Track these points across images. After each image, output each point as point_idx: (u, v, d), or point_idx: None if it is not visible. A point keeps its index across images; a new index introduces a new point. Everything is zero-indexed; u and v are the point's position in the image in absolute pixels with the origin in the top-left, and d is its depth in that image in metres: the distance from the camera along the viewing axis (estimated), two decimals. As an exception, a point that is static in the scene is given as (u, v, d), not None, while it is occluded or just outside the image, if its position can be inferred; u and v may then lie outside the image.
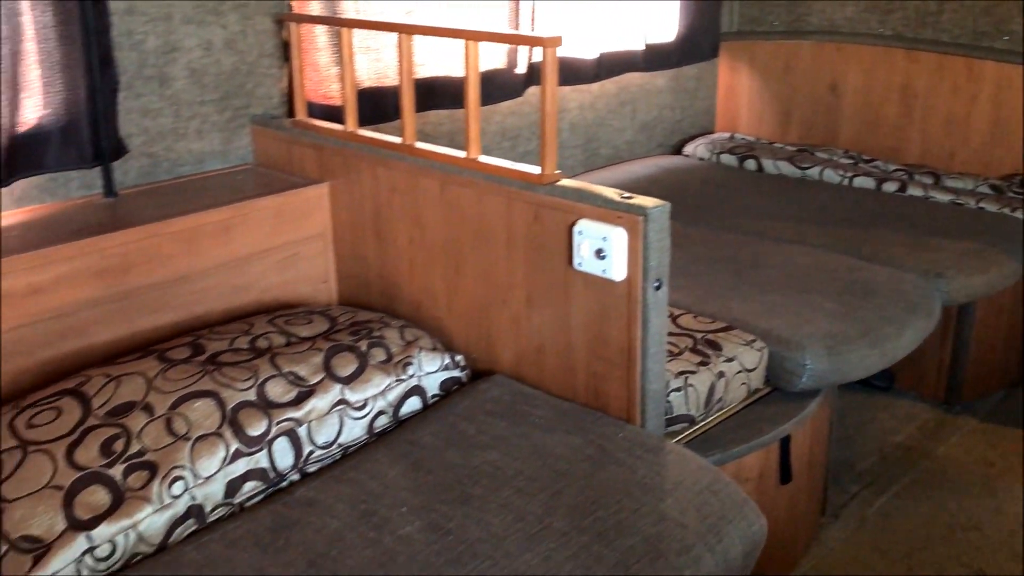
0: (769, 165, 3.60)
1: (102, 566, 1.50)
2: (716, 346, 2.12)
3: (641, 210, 1.72)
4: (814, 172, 3.50)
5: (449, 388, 2.03)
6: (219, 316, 2.24)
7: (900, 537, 2.40)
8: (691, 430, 2.04)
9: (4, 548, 1.48)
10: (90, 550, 1.49)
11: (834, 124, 3.83)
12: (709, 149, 3.78)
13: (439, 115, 3.01)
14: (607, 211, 1.77)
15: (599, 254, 1.78)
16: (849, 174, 3.43)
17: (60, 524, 1.50)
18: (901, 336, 2.31)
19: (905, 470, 2.69)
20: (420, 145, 2.12)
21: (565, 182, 1.87)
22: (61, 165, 2.21)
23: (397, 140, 2.17)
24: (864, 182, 3.39)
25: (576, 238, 1.82)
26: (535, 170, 1.89)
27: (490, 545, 1.52)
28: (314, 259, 2.42)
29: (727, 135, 3.96)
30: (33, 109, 2.15)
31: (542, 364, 2.01)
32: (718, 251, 2.73)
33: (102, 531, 1.51)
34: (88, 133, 2.21)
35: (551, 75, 1.79)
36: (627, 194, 1.77)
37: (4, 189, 2.14)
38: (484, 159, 1.99)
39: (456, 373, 2.05)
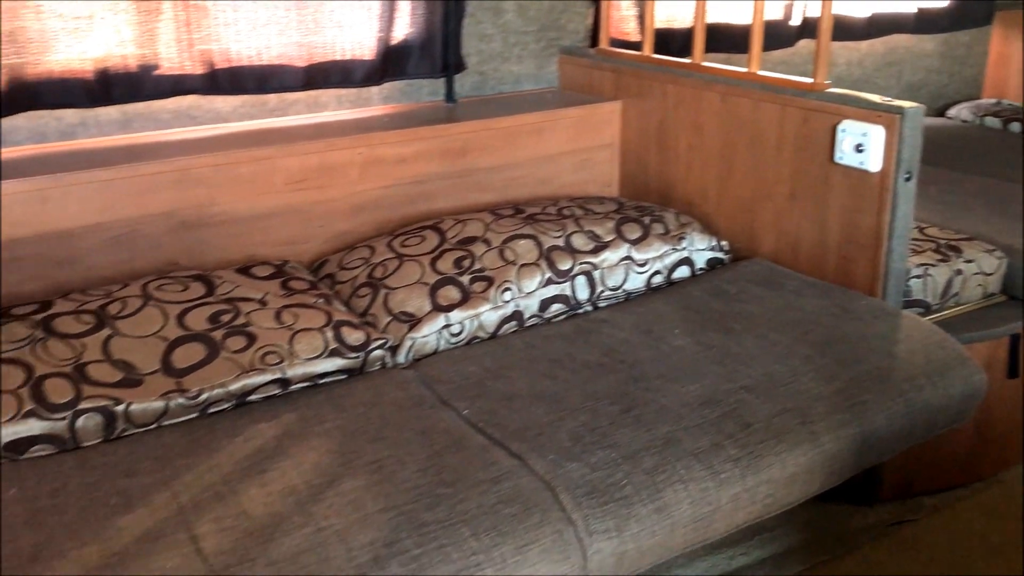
0: (1034, 128, 3.69)
1: (453, 339, 2.05)
2: (957, 250, 2.39)
3: (899, 110, 2.05)
4: (1082, 136, 3.56)
5: (713, 266, 2.43)
6: (526, 202, 2.76)
7: None
8: (927, 317, 2.32)
9: (388, 319, 2.06)
10: (446, 327, 2.04)
11: (1110, 94, 3.84)
12: (973, 112, 3.91)
13: (715, 58, 3.38)
14: (869, 111, 2.10)
15: (858, 148, 2.12)
16: (1120, 139, 3.48)
17: (427, 306, 2.06)
18: None
19: None
20: (706, 63, 2.53)
21: (833, 89, 2.22)
22: (418, 74, 2.81)
23: (687, 60, 2.60)
24: None
25: (839, 135, 2.16)
26: (807, 80, 2.25)
27: (746, 357, 1.91)
28: (603, 165, 2.89)
29: (993, 100, 4.06)
30: (402, 28, 2.75)
31: (797, 250, 2.36)
32: (969, 188, 2.95)
33: (455, 315, 2.05)
34: (440, 50, 2.80)
35: (829, -5, 2.15)
36: (887, 98, 2.10)
37: (375, 88, 2.77)
38: (763, 72, 2.37)
39: (720, 255, 2.44)
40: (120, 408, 1.69)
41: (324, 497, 1.48)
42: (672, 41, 3.16)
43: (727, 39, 3.29)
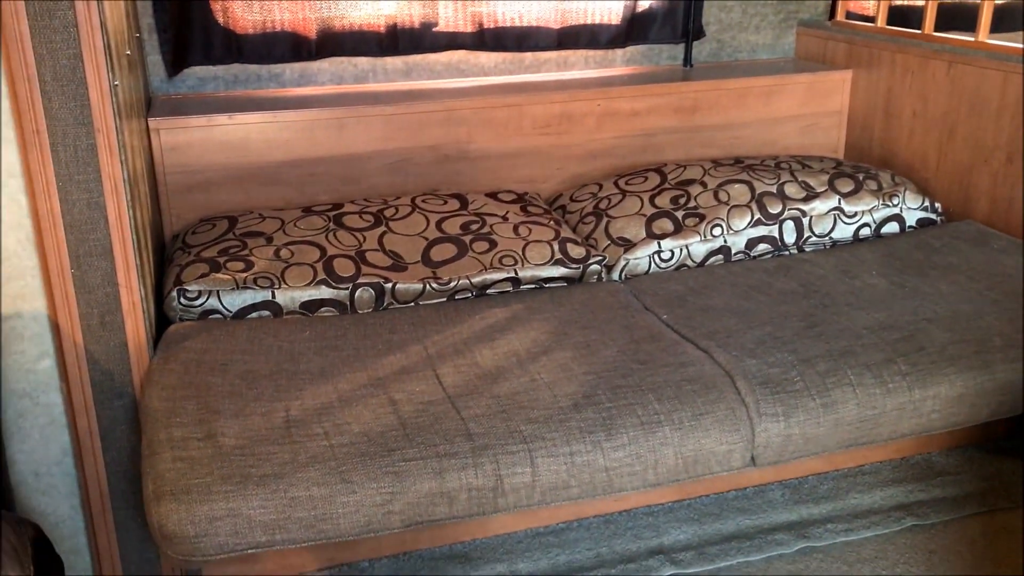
0: None
1: (664, 264, 2.32)
2: None
3: (1122, 74, 2.09)
4: None
5: (924, 225, 2.54)
6: (748, 156, 2.97)
7: None
8: None
9: (607, 243, 2.37)
10: (658, 252, 2.32)
11: None
12: None
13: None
14: (1091, 76, 2.15)
15: (1077, 112, 2.17)
16: None
17: (642, 234, 2.35)
18: None
19: None
20: (936, 33, 2.63)
21: (1058, 56, 2.28)
22: (659, 39, 3.09)
23: (917, 31, 2.71)
24: None
25: (1059, 100, 2.22)
26: (1033, 47, 2.32)
27: (936, 296, 2.05)
28: (829, 131, 3.04)
29: None
30: (648, -3, 3.04)
31: (1011, 214, 2.42)
32: None
33: (667, 243, 2.32)
34: (681, 18, 3.06)
35: (1060, -36, 2.21)
36: (1113, 63, 2.14)
37: (619, 51, 3.07)
38: (991, 40, 2.45)
39: (932, 216, 2.55)
40: (388, 286, 2.11)
41: (539, 360, 1.82)
42: (910, 18, 3.23)
43: (967, 18, 3.30)
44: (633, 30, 3.02)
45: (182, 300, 2.03)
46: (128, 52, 2.08)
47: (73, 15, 1.59)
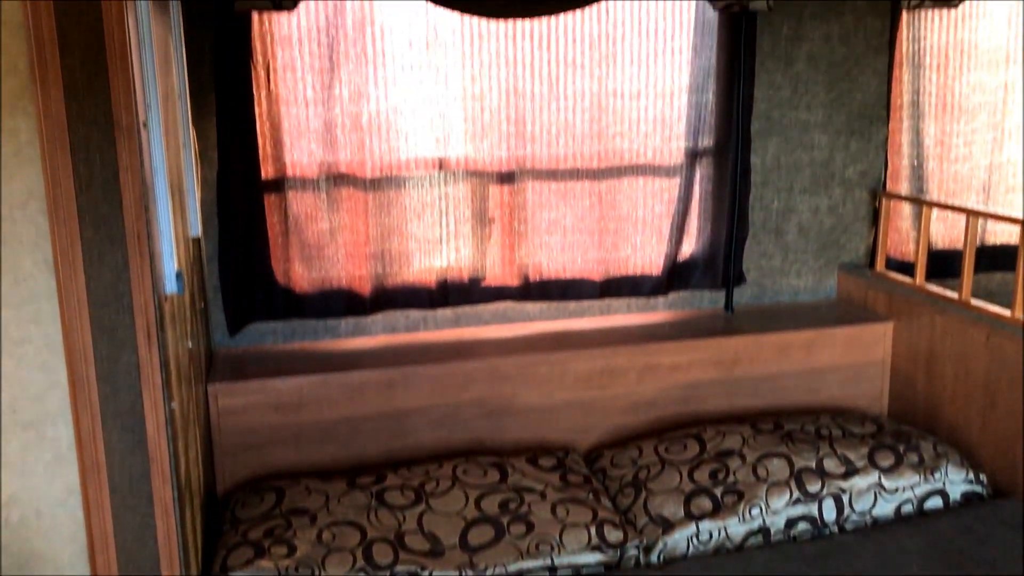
0: None
1: (702, 547, 2.32)
2: None
3: None
4: None
5: (970, 499, 2.50)
6: (792, 409, 2.99)
7: None
8: None
9: (645, 520, 2.38)
10: (696, 534, 2.32)
11: None
12: None
13: (1007, 276, 3.43)
14: None
15: (1117, 410, 2.16)
16: None
17: (680, 513, 2.36)
18: None
19: None
20: (974, 301, 2.67)
21: (1095, 347, 2.28)
22: (700, 286, 3.17)
23: (955, 295, 2.74)
24: None
25: (1098, 394, 2.22)
26: (1070, 334, 2.34)
27: (978, 607, 2.02)
28: (872, 380, 3.05)
29: None
30: (688, 246, 3.15)
31: (1058, 496, 2.39)
32: None
33: (705, 524, 2.33)
34: (721, 266, 3.15)
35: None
36: None
37: (662, 298, 3.17)
38: (1027, 319, 2.48)
39: (978, 488, 2.51)
40: (424, 573, 2.15)
41: None
42: (953, 263, 3.27)
43: (1011, 259, 3.33)
44: (674, 279, 3.12)
45: (226, 588, 2.10)
46: (190, 346, 2.22)
47: (136, 358, 1.72)
